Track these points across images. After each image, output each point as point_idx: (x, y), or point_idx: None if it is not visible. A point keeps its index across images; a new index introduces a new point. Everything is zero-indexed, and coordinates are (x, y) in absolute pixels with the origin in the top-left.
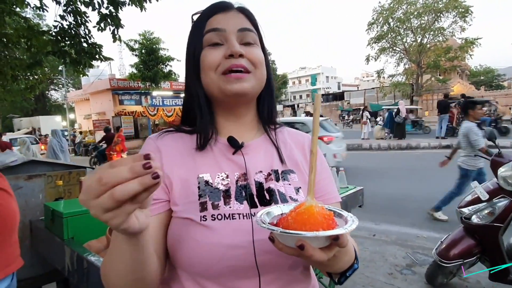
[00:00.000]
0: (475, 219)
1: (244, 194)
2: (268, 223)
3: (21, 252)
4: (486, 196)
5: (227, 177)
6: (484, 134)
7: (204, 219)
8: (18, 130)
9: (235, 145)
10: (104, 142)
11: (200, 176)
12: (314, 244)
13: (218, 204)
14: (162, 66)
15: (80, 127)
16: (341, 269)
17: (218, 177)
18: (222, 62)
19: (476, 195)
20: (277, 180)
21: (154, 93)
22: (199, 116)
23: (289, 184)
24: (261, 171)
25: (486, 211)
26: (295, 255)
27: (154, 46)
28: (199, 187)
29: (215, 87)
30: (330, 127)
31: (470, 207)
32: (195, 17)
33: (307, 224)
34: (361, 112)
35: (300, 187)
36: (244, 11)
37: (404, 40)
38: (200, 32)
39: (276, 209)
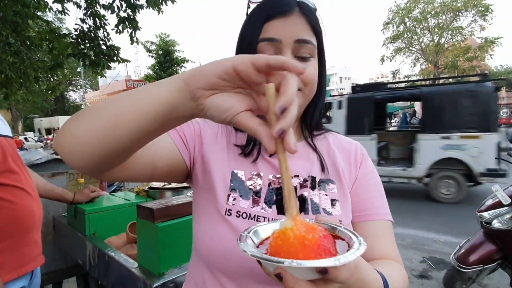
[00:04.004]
0: (496, 224)
1: (275, 198)
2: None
3: (44, 247)
4: (508, 200)
5: (260, 178)
6: (506, 137)
7: (229, 214)
8: (38, 129)
9: None
10: None
11: (235, 172)
12: (298, 275)
13: (246, 202)
14: (177, 67)
15: None
16: None
17: (252, 177)
18: None
19: (497, 199)
20: (313, 188)
21: None
22: None
23: (326, 195)
24: (297, 176)
25: (508, 216)
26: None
27: (170, 48)
28: (231, 180)
29: None
30: None
31: (491, 211)
32: (252, 4)
33: (281, 253)
34: None
35: (337, 200)
36: (307, 14)
37: (421, 40)
38: (254, 35)
39: (263, 228)
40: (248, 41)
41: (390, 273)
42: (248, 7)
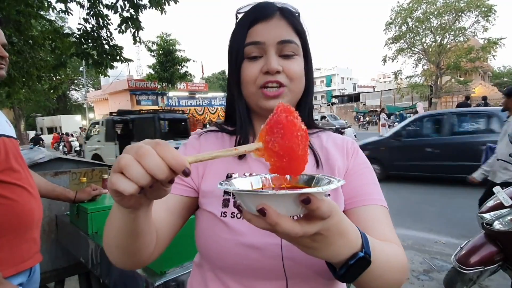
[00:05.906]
0: (497, 225)
1: None
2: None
3: (47, 245)
4: (509, 202)
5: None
6: (510, 138)
7: (224, 216)
8: (41, 128)
9: None
10: None
11: (229, 175)
12: (281, 210)
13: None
14: (178, 67)
15: None
16: (338, 257)
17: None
18: (260, 77)
19: (498, 201)
20: None
21: (170, 93)
22: (238, 125)
23: None
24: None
25: (509, 217)
26: (264, 228)
27: (171, 48)
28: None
29: (253, 100)
30: None
31: (492, 213)
32: (239, 15)
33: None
34: (378, 114)
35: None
36: (287, 17)
37: (423, 40)
38: (241, 41)
39: (240, 180)
40: (236, 47)
41: (383, 245)
42: (237, 19)
